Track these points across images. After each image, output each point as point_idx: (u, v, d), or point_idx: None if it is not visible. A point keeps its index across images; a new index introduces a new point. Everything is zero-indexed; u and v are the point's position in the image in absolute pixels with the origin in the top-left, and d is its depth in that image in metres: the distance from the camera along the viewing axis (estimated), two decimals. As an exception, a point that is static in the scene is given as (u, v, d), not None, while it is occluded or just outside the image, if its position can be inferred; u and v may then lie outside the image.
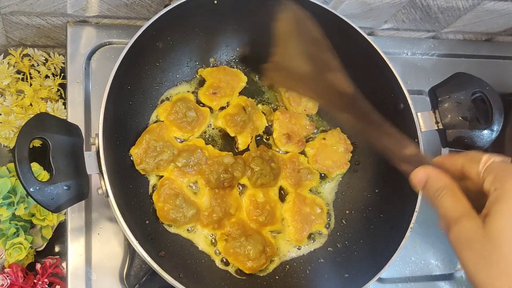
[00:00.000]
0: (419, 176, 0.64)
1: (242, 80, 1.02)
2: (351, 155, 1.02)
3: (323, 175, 1.02)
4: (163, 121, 0.94)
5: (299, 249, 0.95)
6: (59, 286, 0.94)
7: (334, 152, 1.01)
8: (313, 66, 0.79)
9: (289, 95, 1.02)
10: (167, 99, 0.97)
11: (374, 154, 1.02)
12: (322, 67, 0.78)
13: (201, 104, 0.99)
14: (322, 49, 0.79)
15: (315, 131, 1.04)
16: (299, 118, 1.02)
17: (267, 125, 1.01)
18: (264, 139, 1.01)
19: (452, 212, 0.58)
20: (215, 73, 1.00)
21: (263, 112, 1.02)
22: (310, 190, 1.00)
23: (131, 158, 0.89)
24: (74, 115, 0.96)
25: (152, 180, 0.91)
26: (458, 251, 0.56)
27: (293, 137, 1.00)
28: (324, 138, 1.02)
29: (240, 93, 1.02)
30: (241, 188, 0.96)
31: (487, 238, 0.53)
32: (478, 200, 0.58)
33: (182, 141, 0.95)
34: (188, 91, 0.99)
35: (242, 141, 0.97)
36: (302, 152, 1.01)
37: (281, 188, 0.98)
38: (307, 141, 1.03)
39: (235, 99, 0.99)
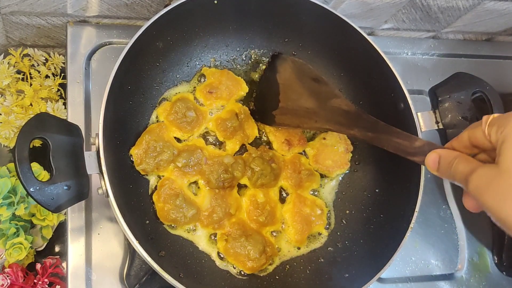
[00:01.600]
0: (431, 158, 0.69)
1: (242, 89, 1.01)
2: (351, 155, 1.02)
3: (323, 175, 1.02)
4: (163, 121, 0.94)
5: (299, 249, 0.95)
6: (59, 286, 0.94)
7: (334, 152, 1.01)
8: (316, 100, 0.89)
9: None
10: (167, 99, 0.97)
11: (374, 154, 1.02)
12: (325, 98, 0.88)
13: (200, 104, 0.98)
14: (322, 83, 0.91)
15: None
16: None
17: (257, 135, 1.00)
18: (263, 138, 1.01)
19: (468, 169, 0.62)
20: (217, 75, 1.00)
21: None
22: (312, 191, 1.00)
23: (131, 159, 0.89)
24: (74, 115, 0.96)
25: (152, 180, 0.91)
26: (479, 196, 0.59)
27: (293, 140, 1.00)
28: (324, 138, 1.02)
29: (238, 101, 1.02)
30: (241, 189, 0.96)
31: (501, 174, 0.57)
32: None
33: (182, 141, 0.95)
34: (188, 91, 0.99)
35: (230, 147, 0.96)
36: (304, 152, 1.01)
37: (282, 189, 0.98)
38: (308, 140, 1.02)
39: (230, 105, 0.99)
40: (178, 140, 0.94)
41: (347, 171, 1.02)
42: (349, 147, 1.02)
